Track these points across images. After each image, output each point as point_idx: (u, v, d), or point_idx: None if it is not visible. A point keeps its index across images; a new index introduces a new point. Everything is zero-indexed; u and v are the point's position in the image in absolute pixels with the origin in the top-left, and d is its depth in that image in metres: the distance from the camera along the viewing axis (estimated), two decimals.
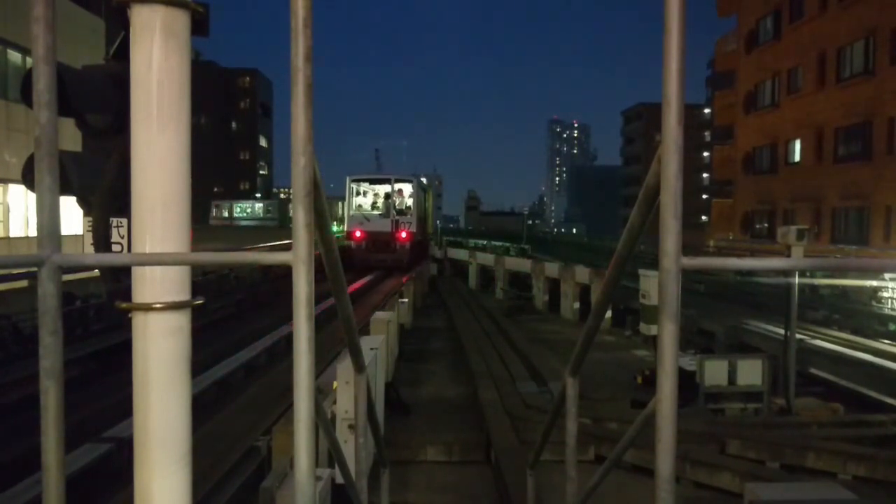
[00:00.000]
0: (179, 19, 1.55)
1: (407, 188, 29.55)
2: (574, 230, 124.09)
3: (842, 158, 25.87)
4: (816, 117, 27.14)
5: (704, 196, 70.89)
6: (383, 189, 29.39)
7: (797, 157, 29.06)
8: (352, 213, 28.80)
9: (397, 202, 28.81)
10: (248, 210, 68.03)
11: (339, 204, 37.72)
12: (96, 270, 7.93)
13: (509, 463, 6.98)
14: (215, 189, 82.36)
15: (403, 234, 27.74)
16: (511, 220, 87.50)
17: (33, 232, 1.11)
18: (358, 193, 29.70)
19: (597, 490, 2.63)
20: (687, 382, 9.64)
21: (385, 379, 8.35)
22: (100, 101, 3.32)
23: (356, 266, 25.79)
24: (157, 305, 1.56)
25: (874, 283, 15.74)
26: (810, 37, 27.62)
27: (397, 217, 28.30)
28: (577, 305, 20.07)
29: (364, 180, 30.28)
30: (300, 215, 1.07)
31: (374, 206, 29.36)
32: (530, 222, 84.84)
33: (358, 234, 27.59)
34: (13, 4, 19.14)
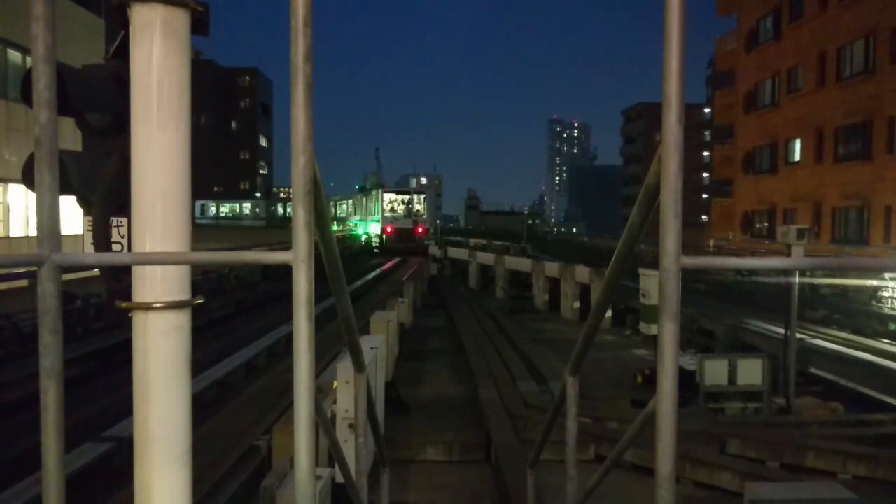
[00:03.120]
0: (179, 18, 1.55)
1: (420, 198, 44.64)
2: (574, 229, 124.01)
3: (842, 158, 25.85)
4: (816, 117, 27.13)
5: (705, 195, 70.87)
6: (405, 198, 44.24)
7: (797, 157, 29.05)
8: (385, 214, 43.26)
9: (414, 208, 43.51)
10: None
11: (355, 201, 55.92)
12: (96, 270, 7.93)
13: (509, 462, 6.98)
14: (215, 188, 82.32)
15: (420, 230, 42.95)
16: (511, 219, 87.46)
17: (33, 231, 1.10)
18: (387, 201, 43.93)
19: (597, 489, 2.63)
20: (687, 382, 9.64)
21: (385, 378, 8.35)
22: (100, 100, 3.32)
23: (388, 251, 39.97)
24: (157, 305, 1.56)
25: (874, 282, 15.74)
26: (810, 36, 27.61)
27: (415, 218, 43.16)
28: (577, 305, 20.04)
29: (392, 191, 46.29)
30: (300, 214, 1.06)
31: (392, 210, 43.52)
32: (530, 221, 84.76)
33: (389, 229, 42.67)
34: (13, 4, 19.13)
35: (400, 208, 43.67)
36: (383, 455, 4.43)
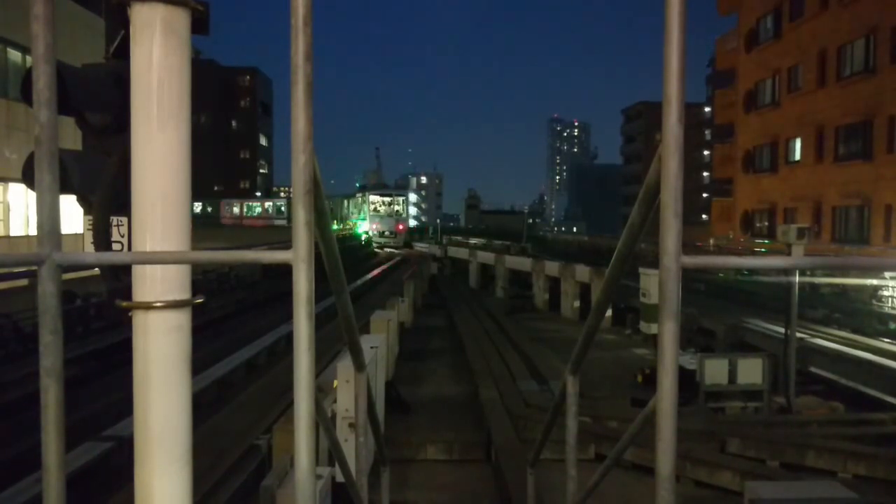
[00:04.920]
0: (179, 18, 1.55)
1: (400, 199, 54.10)
2: (574, 229, 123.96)
3: (842, 157, 25.84)
4: (817, 116, 27.11)
5: (705, 195, 70.78)
6: (388, 200, 53.34)
7: (797, 156, 29.03)
8: (371, 214, 52.35)
9: (395, 208, 52.90)
10: None
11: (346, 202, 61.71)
12: (96, 269, 7.93)
13: (509, 461, 6.98)
14: (215, 188, 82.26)
15: (401, 227, 52.21)
16: (511, 218, 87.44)
17: (33, 231, 1.10)
18: (372, 202, 53.14)
19: (597, 488, 2.63)
20: (687, 381, 9.63)
21: (385, 377, 8.35)
22: (100, 99, 3.31)
23: (377, 244, 47.94)
24: (158, 304, 1.56)
25: (874, 281, 15.73)
26: (811, 35, 27.59)
27: (396, 217, 52.35)
28: (577, 304, 20.03)
29: (377, 194, 55.23)
30: (300, 213, 1.06)
31: (375, 210, 52.58)
32: (530, 221, 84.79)
33: (374, 226, 51.52)
34: (13, 3, 19.11)
35: (383, 209, 52.59)
36: (383, 454, 4.43)
